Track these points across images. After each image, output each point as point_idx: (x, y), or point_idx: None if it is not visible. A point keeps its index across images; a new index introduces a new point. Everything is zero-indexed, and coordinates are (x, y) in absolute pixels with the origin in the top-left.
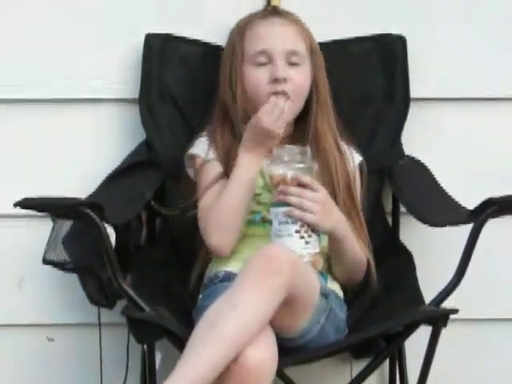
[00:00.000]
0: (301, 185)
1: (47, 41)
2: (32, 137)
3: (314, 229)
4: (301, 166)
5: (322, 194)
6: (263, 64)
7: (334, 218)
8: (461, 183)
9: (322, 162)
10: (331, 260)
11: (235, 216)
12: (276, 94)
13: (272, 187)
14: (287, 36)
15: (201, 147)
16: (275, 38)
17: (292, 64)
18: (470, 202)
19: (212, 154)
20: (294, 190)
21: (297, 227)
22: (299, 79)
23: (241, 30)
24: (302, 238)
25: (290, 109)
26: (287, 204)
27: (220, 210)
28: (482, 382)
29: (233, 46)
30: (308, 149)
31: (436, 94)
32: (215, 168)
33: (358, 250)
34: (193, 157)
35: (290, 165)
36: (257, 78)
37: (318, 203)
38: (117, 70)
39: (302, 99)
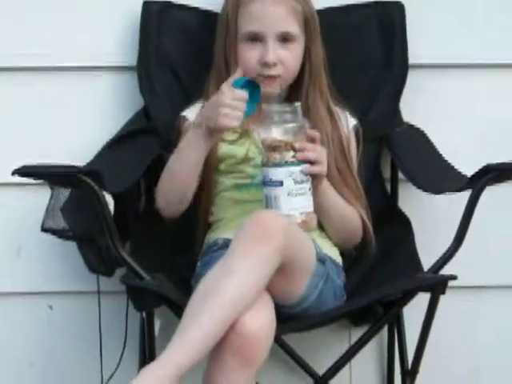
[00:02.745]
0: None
1: (45, 8)
2: (30, 105)
3: (316, 181)
4: (292, 125)
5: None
6: (256, 42)
7: None
8: (459, 150)
9: (313, 129)
10: (320, 219)
11: (175, 183)
12: (264, 77)
13: (279, 148)
14: (279, 17)
15: (193, 111)
16: (267, 19)
17: (285, 42)
18: (468, 168)
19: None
20: (309, 146)
21: (309, 185)
22: (290, 59)
23: (235, 4)
24: (312, 195)
25: (282, 85)
26: (300, 161)
27: (163, 177)
28: (479, 349)
29: (227, 20)
30: (298, 106)
31: (434, 60)
32: None
33: (345, 209)
34: (183, 118)
35: (281, 125)
36: (248, 56)
37: (324, 153)
38: (115, 38)
39: (294, 73)
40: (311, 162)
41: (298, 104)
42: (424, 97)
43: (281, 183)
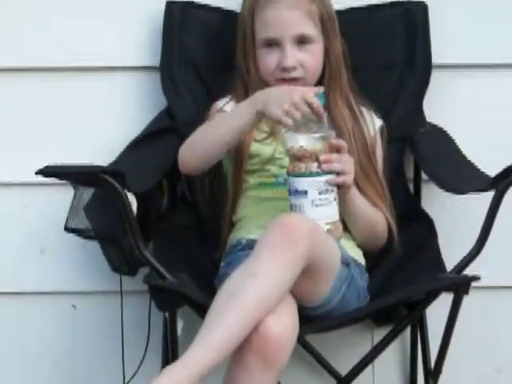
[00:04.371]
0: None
1: (70, 9)
2: (54, 105)
3: (343, 190)
4: (317, 135)
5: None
6: (273, 47)
7: None
8: (483, 150)
9: (334, 127)
10: (347, 225)
11: (207, 142)
12: (284, 80)
13: (304, 158)
14: (294, 20)
15: (222, 101)
16: (282, 24)
17: (302, 44)
18: (492, 168)
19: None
20: (335, 156)
21: (334, 194)
22: (310, 61)
23: (250, 10)
24: (337, 204)
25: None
26: (325, 172)
27: (198, 132)
28: (501, 349)
29: (244, 27)
30: (325, 115)
31: (458, 60)
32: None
33: (372, 213)
34: (215, 105)
35: (307, 134)
36: (267, 62)
37: (351, 163)
38: (138, 38)
39: (316, 74)
40: (337, 173)
41: (324, 114)
42: (447, 97)
43: (305, 193)
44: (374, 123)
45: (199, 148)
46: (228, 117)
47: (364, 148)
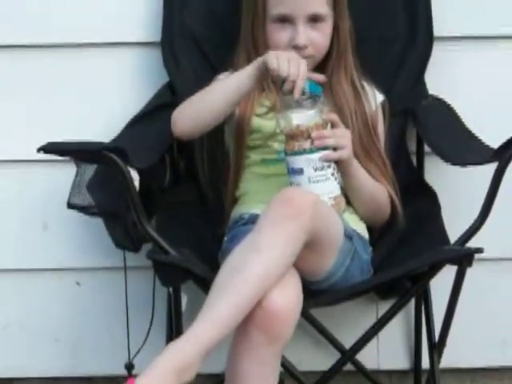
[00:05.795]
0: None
1: None
2: (55, 81)
3: (343, 165)
4: (310, 111)
5: (343, 127)
6: (285, 23)
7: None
8: (485, 122)
9: (336, 105)
10: (350, 199)
11: (205, 104)
12: None
13: (297, 136)
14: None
15: (224, 75)
16: (296, 2)
17: (314, 22)
18: (494, 140)
19: None
20: (327, 132)
21: (331, 170)
22: (321, 39)
23: None
24: (336, 178)
25: (309, 64)
26: (320, 148)
27: (196, 96)
28: (506, 321)
29: (255, 1)
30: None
31: (459, 32)
32: None
33: (374, 186)
34: (213, 82)
35: (299, 112)
36: (278, 39)
37: (347, 136)
38: (139, 13)
39: (325, 51)
40: (334, 148)
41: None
42: (449, 69)
43: (301, 171)
44: (375, 97)
45: (193, 108)
46: (226, 79)
47: (365, 126)
